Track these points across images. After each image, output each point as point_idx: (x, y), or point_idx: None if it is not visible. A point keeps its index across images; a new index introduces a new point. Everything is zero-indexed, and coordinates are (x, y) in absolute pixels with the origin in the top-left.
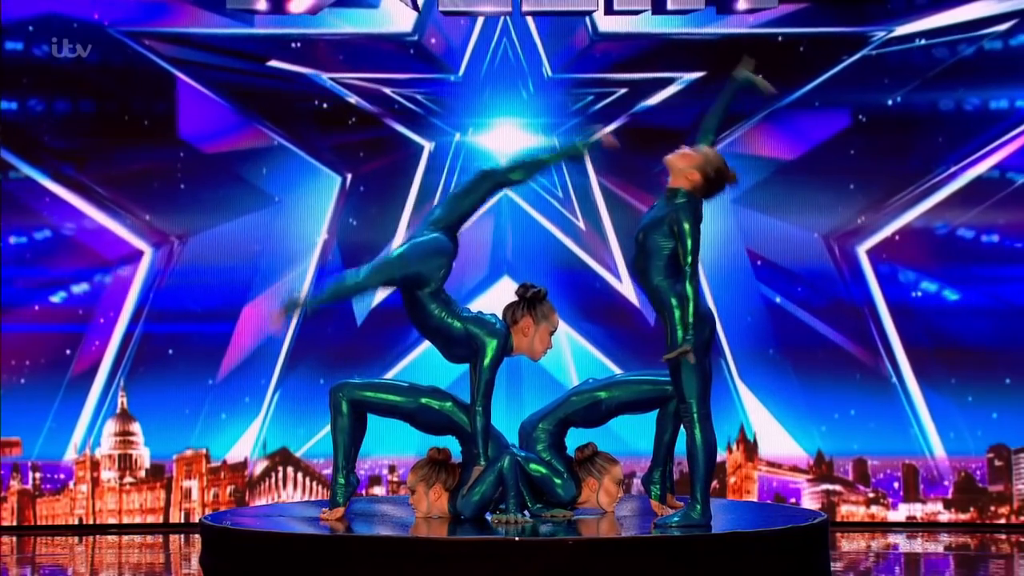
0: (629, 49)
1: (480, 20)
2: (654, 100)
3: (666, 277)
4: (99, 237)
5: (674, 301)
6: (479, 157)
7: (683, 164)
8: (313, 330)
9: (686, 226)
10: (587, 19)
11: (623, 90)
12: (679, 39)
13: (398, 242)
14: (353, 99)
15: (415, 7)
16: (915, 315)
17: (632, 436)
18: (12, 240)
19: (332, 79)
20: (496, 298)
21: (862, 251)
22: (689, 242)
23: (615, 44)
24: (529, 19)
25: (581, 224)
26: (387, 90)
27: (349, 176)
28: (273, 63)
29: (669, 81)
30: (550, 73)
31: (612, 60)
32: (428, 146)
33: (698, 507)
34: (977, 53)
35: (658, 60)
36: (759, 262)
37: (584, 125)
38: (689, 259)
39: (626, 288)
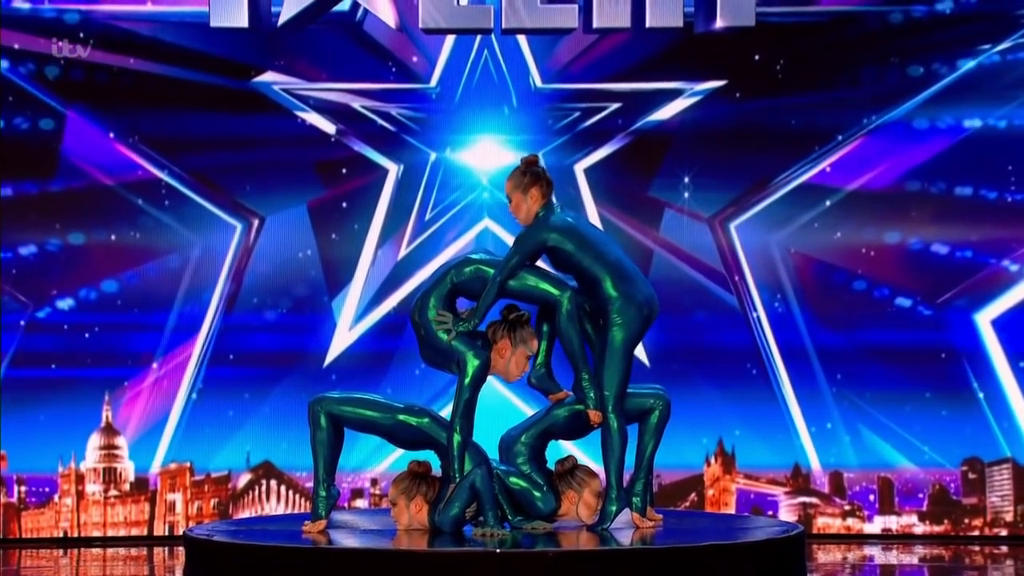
0: (633, 53)
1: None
2: (661, 115)
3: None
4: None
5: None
6: (459, 175)
7: (514, 201)
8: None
9: (532, 235)
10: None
11: (615, 105)
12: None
13: (361, 277)
14: (307, 114)
15: (400, 28)
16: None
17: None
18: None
19: (283, 89)
20: None
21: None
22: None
23: (615, 46)
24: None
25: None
26: (357, 104)
27: (256, 221)
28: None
29: (677, 93)
30: (539, 83)
31: (613, 67)
32: (394, 169)
33: (613, 497)
34: None
35: (665, 67)
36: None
37: (575, 143)
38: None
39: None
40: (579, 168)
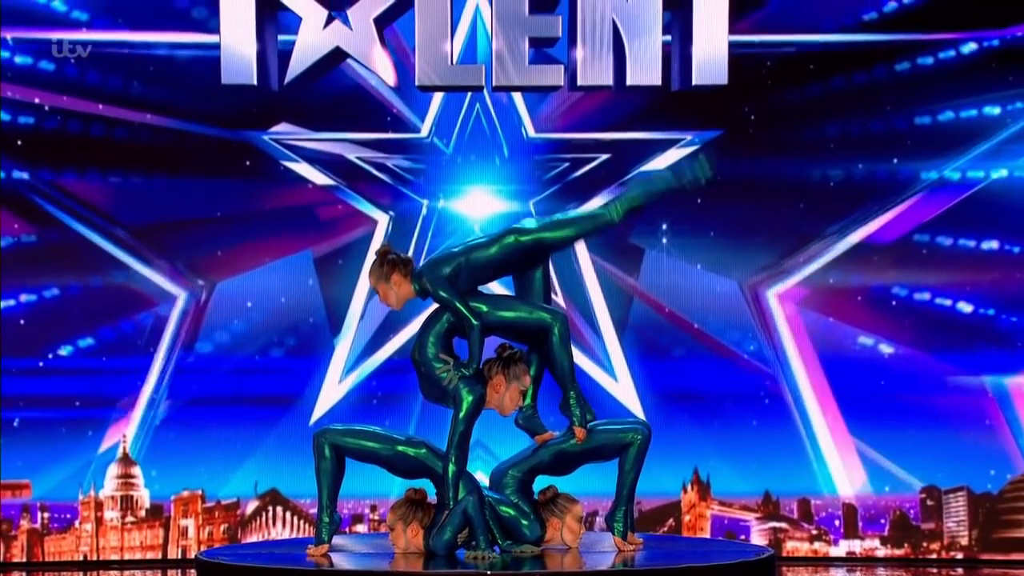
0: (625, 103)
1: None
2: (653, 165)
3: None
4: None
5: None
6: (452, 222)
7: (381, 292)
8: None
9: (443, 294)
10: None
11: (606, 155)
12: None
13: (351, 326)
14: (298, 165)
15: (395, 83)
16: (854, 367)
17: (595, 479)
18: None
19: (273, 140)
20: None
21: (773, 295)
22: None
23: (608, 96)
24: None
25: (561, 304)
26: (352, 156)
27: (204, 293)
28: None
29: (671, 143)
30: (531, 133)
31: (605, 117)
32: (384, 219)
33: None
34: None
35: (658, 117)
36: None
37: (567, 192)
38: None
39: (624, 388)
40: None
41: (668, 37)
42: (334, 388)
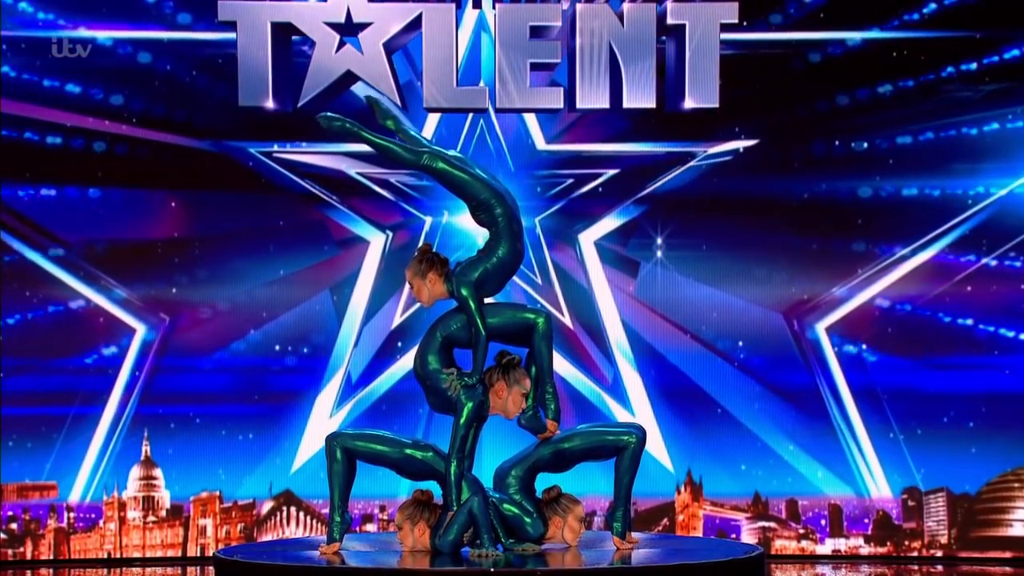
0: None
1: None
2: (669, 178)
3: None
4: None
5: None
6: (456, 237)
7: (415, 286)
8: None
9: (464, 293)
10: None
11: (612, 171)
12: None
13: (348, 347)
14: (303, 182)
15: (403, 104)
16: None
17: (595, 479)
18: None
19: (261, 153)
20: None
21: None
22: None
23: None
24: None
25: (567, 320)
26: (354, 172)
27: (167, 319)
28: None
29: (688, 156)
30: (543, 144)
31: (609, 131)
32: (376, 240)
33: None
34: None
35: (672, 130)
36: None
37: (574, 207)
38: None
39: (621, 395)
40: (575, 231)
41: (663, 40)
42: (325, 420)
